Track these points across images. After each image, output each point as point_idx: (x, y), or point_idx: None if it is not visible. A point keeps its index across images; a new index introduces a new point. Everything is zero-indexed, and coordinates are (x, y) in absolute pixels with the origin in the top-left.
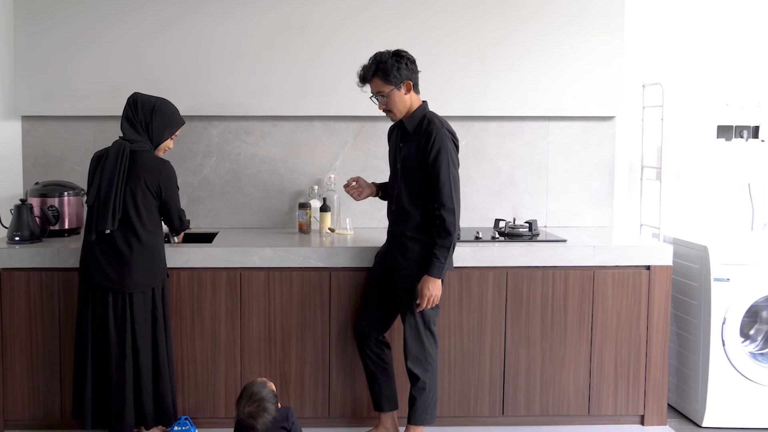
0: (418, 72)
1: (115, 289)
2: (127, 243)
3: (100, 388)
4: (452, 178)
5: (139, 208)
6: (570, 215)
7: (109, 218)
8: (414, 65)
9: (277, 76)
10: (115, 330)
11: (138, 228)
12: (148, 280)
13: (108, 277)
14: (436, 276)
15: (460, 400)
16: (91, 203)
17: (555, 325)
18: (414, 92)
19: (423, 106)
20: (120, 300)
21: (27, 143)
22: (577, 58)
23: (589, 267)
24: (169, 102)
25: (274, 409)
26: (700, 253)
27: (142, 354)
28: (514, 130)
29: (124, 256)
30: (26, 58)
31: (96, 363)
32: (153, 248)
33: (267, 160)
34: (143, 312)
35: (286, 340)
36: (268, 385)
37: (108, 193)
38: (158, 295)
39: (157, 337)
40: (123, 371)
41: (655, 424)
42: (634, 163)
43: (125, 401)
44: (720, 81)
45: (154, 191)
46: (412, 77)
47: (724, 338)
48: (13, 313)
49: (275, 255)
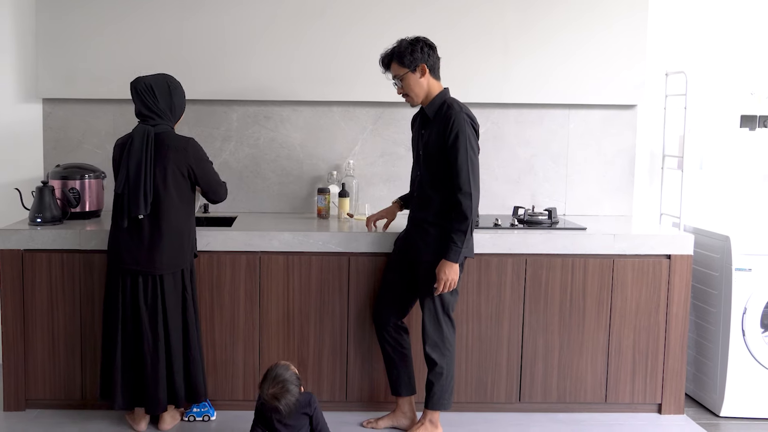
0: (438, 58)
1: (145, 272)
2: (157, 226)
3: (129, 369)
4: (470, 162)
5: (169, 190)
6: (589, 204)
7: (141, 203)
8: (431, 50)
9: (297, 61)
10: (146, 312)
11: (169, 211)
12: (177, 262)
13: (138, 260)
14: (453, 260)
15: (477, 386)
16: (120, 190)
17: (573, 312)
18: (432, 77)
19: (444, 92)
20: (150, 282)
21: (48, 126)
22: (600, 47)
23: (609, 255)
24: (168, 74)
25: (297, 392)
26: (722, 243)
27: (173, 334)
28: (535, 118)
29: (154, 239)
30: (47, 42)
31: (126, 345)
32: (182, 229)
33: (286, 145)
34: (174, 293)
35: (304, 324)
36: (291, 368)
37: (137, 179)
38: (187, 276)
39: (187, 318)
40: (156, 352)
41: (672, 412)
42: (655, 152)
43: (158, 381)
44: (744, 70)
45: (183, 171)
46: (428, 61)
47: (744, 328)
48: (35, 294)
49: (294, 239)
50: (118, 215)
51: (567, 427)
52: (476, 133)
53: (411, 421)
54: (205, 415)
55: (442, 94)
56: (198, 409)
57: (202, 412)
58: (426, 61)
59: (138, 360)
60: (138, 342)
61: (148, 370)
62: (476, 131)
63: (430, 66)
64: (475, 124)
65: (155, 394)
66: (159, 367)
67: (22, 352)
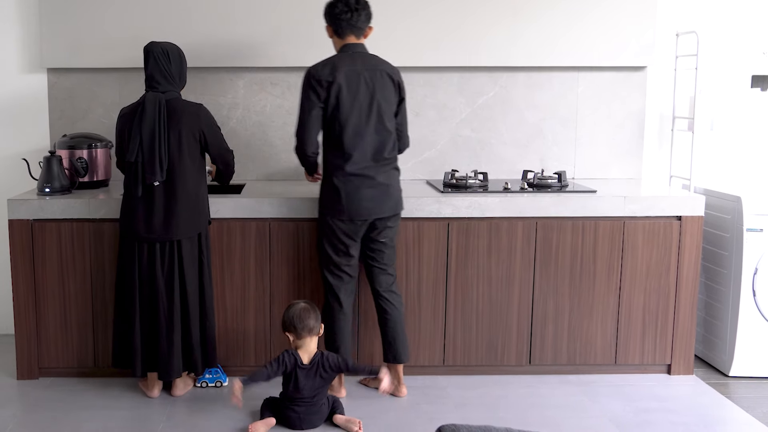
0: (338, 18)
1: (162, 239)
2: (173, 192)
3: (145, 336)
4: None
5: (183, 156)
6: (598, 167)
7: (157, 170)
8: (331, 7)
9: (303, 25)
10: (163, 277)
11: (183, 176)
12: (195, 226)
13: (153, 229)
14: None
15: (488, 349)
16: (133, 159)
17: (584, 275)
18: (337, 37)
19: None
20: (168, 248)
21: (53, 96)
22: (609, 7)
23: (620, 218)
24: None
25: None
26: (733, 204)
27: (190, 299)
28: (543, 81)
29: (170, 205)
30: (51, 11)
31: (144, 312)
32: (198, 194)
33: (293, 111)
34: (191, 258)
35: (314, 290)
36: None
37: (152, 146)
38: (204, 240)
39: (203, 282)
40: (172, 319)
41: (682, 373)
42: (665, 114)
43: (173, 348)
44: (756, 29)
45: (196, 135)
46: (329, 21)
47: (755, 288)
48: (46, 263)
49: (303, 205)
50: (132, 183)
51: (577, 388)
52: (318, 84)
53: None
54: (217, 381)
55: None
56: (210, 375)
57: (215, 378)
58: (327, 20)
59: (153, 327)
60: (154, 309)
61: (163, 337)
62: (319, 81)
63: (334, 28)
64: (316, 75)
65: (170, 361)
66: (174, 333)
67: (34, 322)
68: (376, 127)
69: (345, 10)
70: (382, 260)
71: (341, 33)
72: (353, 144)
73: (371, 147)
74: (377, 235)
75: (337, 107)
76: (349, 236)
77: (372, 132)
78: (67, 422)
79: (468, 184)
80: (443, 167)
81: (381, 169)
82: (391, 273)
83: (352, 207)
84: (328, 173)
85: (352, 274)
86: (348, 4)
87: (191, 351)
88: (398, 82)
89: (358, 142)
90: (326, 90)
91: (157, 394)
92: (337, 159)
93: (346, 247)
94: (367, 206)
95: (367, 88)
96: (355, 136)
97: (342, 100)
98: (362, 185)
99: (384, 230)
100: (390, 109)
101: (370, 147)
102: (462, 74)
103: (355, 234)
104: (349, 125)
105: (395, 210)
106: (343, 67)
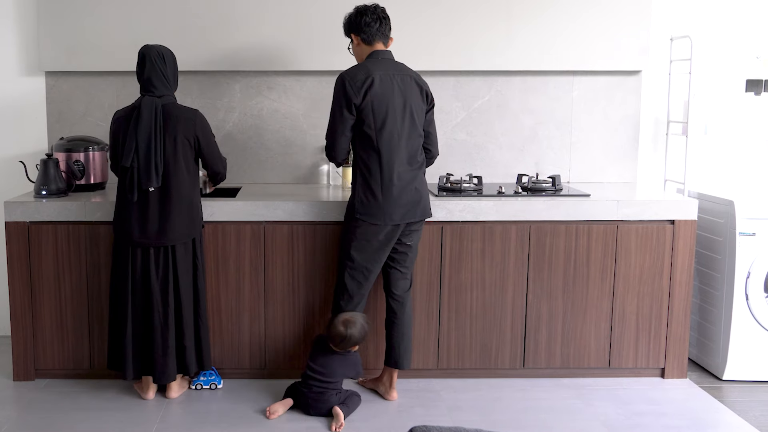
0: (368, 25)
1: (157, 244)
2: (168, 197)
3: (139, 340)
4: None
5: (179, 161)
6: (593, 171)
7: (153, 176)
8: (358, 17)
9: (300, 30)
10: (158, 282)
11: (178, 181)
12: (189, 231)
13: (148, 234)
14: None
15: (482, 352)
16: (128, 164)
17: (577, 278)
18: (365, 45)
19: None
20: (162, 253)
21: (51, 99)
22: (604, 12)
23: (613, 221)
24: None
25: (362, 329)
26: (726, 208)
27: (185, 303)
28: (539, 85)
29: (165, 211)
30: (49, 14)
31: (136, 316)
32: (192, 199)
33: (289, 115)
34: (185, 262)
35: (309, 293)
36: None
37: (148, 151)
38: (198, 245)
39: (198, 287)
40: (166, 323)
41: (675, 377)
42: (659, 118)
43: (168, 351)
44: (750, 34)
45: (191, 141)
46: (356, 31)
47: (747, 292)
48: (42, 265)
49: (299, 208)
50: (126, 189)
51: (571, 391)
52: (353, 89)
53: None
54: (212, 383)
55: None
56: (205, 378)
57: (209, 380)
58: (353, 30)
59: (147, 331)
60: (147, 313)
61: (157, 341)
62: (354, 85)
63: (362, 36)
64: (346, 80)
65: (165, 364)
66: (169, 337)
67: (30, 323)
68: (410, 131)
69: (374, 19)
70: (404, 263)
71: (370, 40)
72: (390, 147)
73: (406, 151)
74: (405, 238)
75: (372, 111)
76: (382, 240)
77: (407, 136)
78: (63, 423)
79: (462, 188)
80: (438, 171)
81: (414, 173)
82: (408, 278)
83: (391, 211)
84: (363, 176)
85: (371, 281)
86: (375, 12)
87: (185, 354)
88: (426, 91)
89: (395, 146)
90: (362, 94)
91: (152, 397)
92: (373, 162)
93: (376, 251)
94: (403, 210)
95: (400, 92)
96: (392, 139)
97: (378, 103)
98: (401, 189)
99: (411, 234)
100: (420, 113)
101: (406, 151)
102: (457, 78)
103: (390, 238)
104: (386, 129)
105: (424, 215)
106: (377, 70)
